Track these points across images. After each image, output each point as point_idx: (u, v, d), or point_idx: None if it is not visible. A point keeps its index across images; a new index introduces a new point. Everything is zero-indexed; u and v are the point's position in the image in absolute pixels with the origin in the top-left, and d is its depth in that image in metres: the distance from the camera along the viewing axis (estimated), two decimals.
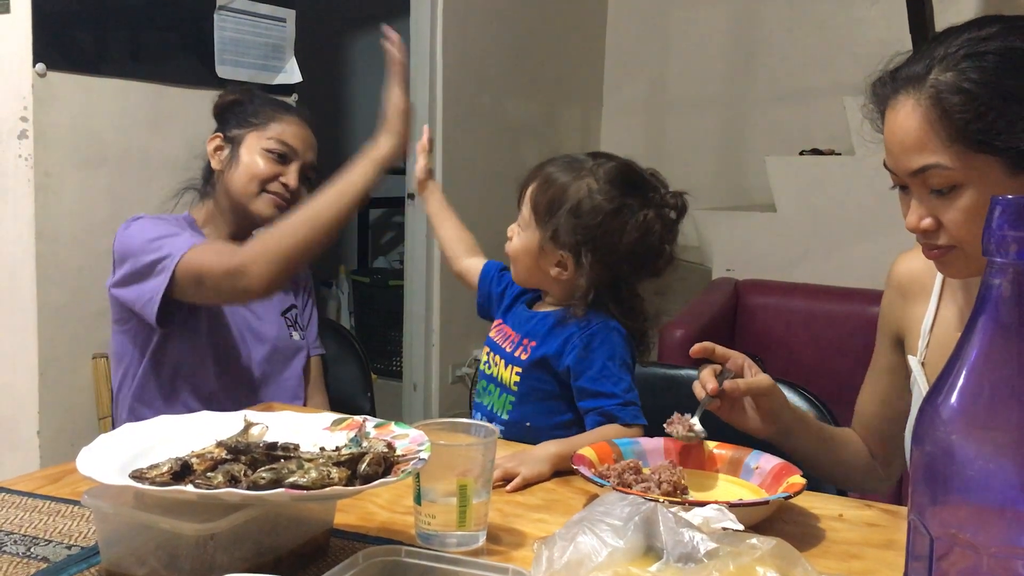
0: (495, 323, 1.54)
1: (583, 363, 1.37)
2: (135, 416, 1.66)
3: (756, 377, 1.24)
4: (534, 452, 1.24)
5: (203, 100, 1.82)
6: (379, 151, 1.54)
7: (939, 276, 1.27)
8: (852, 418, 1.44)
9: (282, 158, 1.72)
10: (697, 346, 1.25)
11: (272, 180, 1.70)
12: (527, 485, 1.19)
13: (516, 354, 1.43)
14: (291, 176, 1.72)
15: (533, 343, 1.42)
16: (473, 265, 1.63)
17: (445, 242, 1.70)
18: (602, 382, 1.36)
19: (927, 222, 1.10)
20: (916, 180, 1.10)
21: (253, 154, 1.70)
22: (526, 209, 1.42)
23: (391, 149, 1.54)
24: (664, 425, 1.21)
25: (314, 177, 1.79)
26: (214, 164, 1.75)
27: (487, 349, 1.51)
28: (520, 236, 1.43)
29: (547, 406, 1.41)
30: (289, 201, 1.73)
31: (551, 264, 1.40)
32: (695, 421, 1.21)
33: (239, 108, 1.76)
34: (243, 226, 1.76)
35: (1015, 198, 0.64)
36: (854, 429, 1.42)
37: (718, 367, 1.25)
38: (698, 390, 1.22)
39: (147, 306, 1.55)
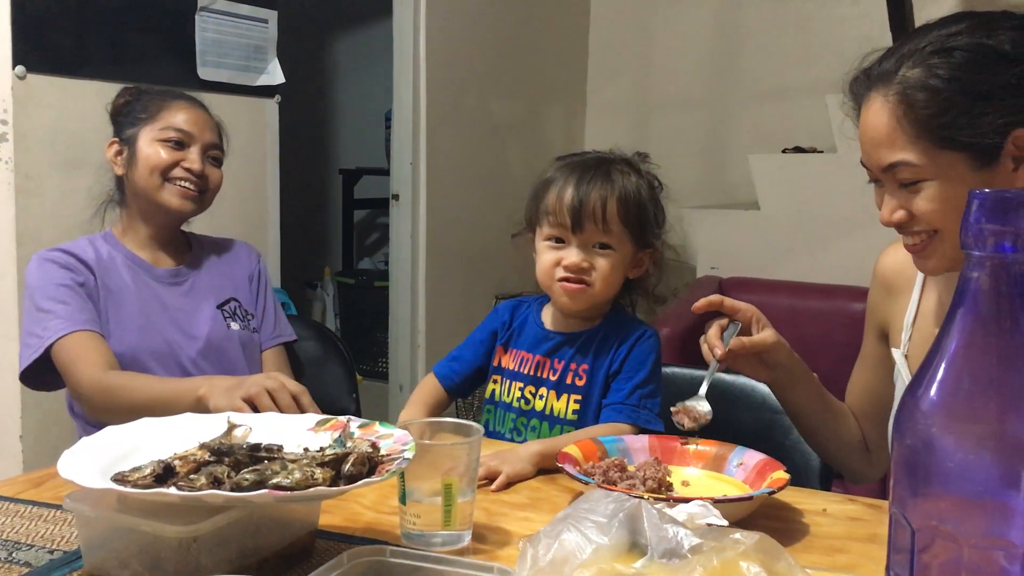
0: (507, 352, 1.48)
1: (637, 369, 1.39)
2: (85, 427, 1.64)
3: (761, 334, 1.24)
4: (517, 451, 1.25)
5: None
6: (210, 400, 1.37)
7: (919, 272, 1.28)
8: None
9: (179, 144, 1.68)
10: (702, 301, 1.24)
11: (173, 167, 1.67)
12: (510, 484, 1.19)
13: (568, 381, 1.41)
14: (192, 160, 1.68)
15: (585, 365, 1.41)
16: (442, 395, 1.50)
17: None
18: (647, 384, 1.39)
19: (899, 215, 1.12)
20: (887, 175, 1.12)
21: (149, 146, 1.67)
22: (616, 231, 1.37)
23: (215, 405, 1.35)
24: (672, 413, 1.23)
25: (222, 157, 1.76)
26: (116, 170, 1.72)
27: (516, 383, 1.44)
28: (609, 258, 1.37)
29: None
30: (199, 185, 1.69)
31: (631, 269, 1.42)
32: (699, 404, 1.22)
33: (128, 108, 1.74)
34: (160, 227, 1.73)
35: (992, 192, 0.65)
36: None
37: (725, 321, 1.25)
38: (707, 353, 1.23)
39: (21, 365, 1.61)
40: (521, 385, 1.44)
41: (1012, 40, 1.05)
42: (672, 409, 1.23)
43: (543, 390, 1.42)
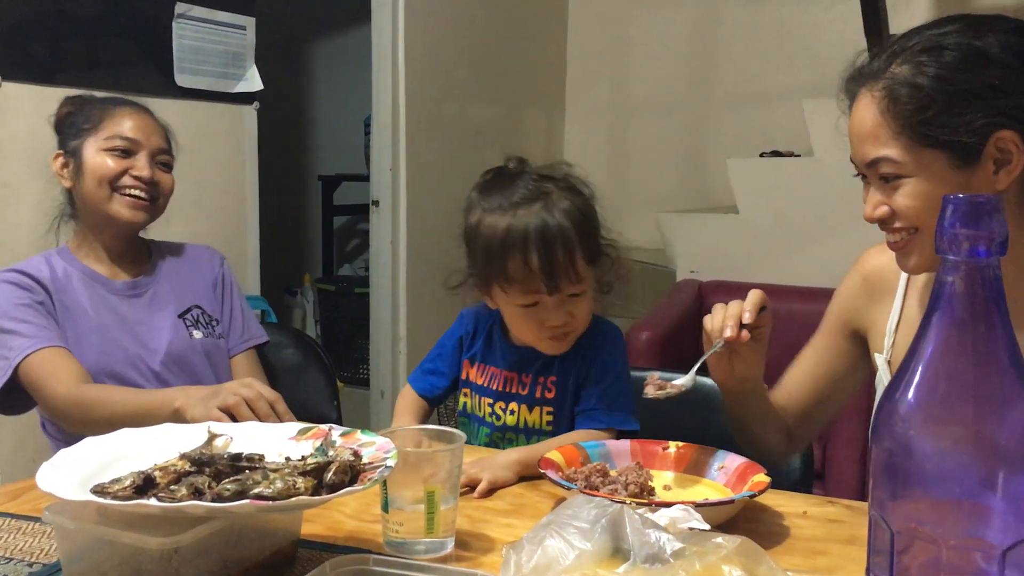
0: (473, 365, 1.47)
1: (603, 372, 1.38)
2: (58, 446, 1.62)
3: (750, 349, 1.20)
4: (496, 458, 1.25)
5: (163, 110, 1.80)
6: (187, 412, 1.37)
7: (902, 277, 1.29)
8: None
9: (126, 153, 1.65)
10: (757, 300, 1.19)
11: (121, 176, 1.64)
12: (493, 490, 1.19)
13: (538, 395, 1.40)
14: (141, 167, 1.65)
15: (552, 377, 1.40)
16: (426, 407, 1.50)
17: None
18: (615, 386, 1.38)
19: (881, 211, 1.13)
20: (871, 171, 1.13)
21: (95, 157, 1.64)
22: (585, 275, 1.34)
23: (192, 416, 1.34)
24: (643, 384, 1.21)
25: (172, 161, 1.72)
26: (64, 183, 1.69)
27: (485, 399, 1.43)
28: (584, 298, 1.35)
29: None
30: (150, 192, 1.66)
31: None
32: (674, 376, 1.20)
33: (71, 119, 1.70)
34: (115, 239, 1.70)
35: (966, 197, 0.66)
36: (775, 398, 1.41)
37: (756, 302, 1.18)
38: (715, 330, 1.17)
39: None
40: (491, 401, 1.43)
41: (1001, 43, 1.07)
42: (645, 381, 1.21)
43: (514, 405, 1.41)
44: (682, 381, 1.19)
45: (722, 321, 1.18)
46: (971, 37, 1.08)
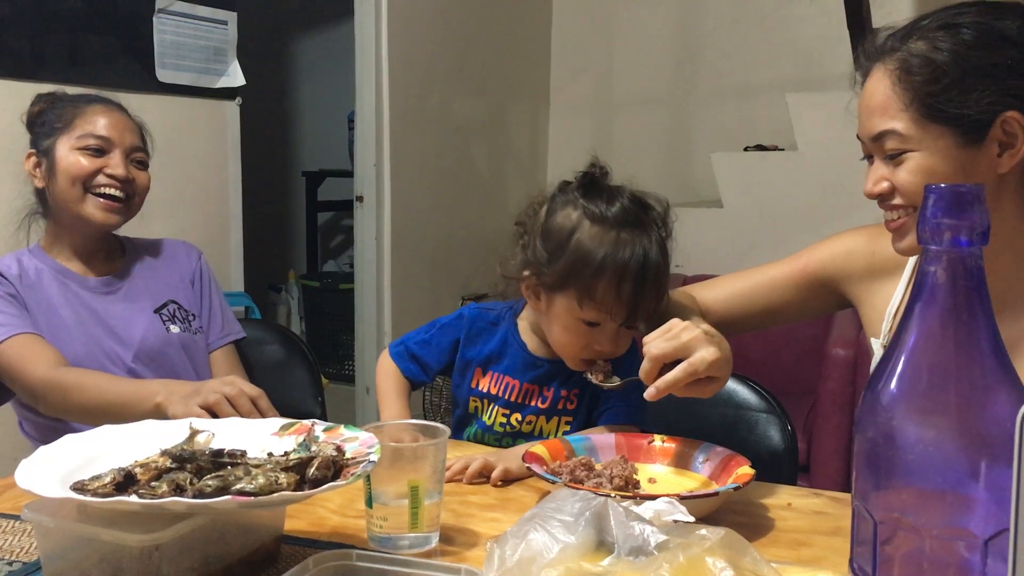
0: (486, 375, 1.42)
1: (624, 374, 1.34)
2: (38, 444, 1.61)
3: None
4: (515, 451, 1.24)
5: (144, 105, 1.78)
6: (168, 409, 1.36)
7: (910, 262, 1.28)
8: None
9: (99, 151, 1.62)
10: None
11: (95, 175, 1.61)
12: (508, 480, 1.19)
13: (560, 407, 1.37)
14: (115, 165, 1.62)
15: (576, 390, 1.37)
16: (409, 387, 1.45)
17: None
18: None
19: (882, 186, 1.13)
20: (876, 146, 1.13)
21: (68, 156, 1.61)
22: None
23: (173, 414, 1.33)
24: (591, 368, 1.28)
25: (147, 159, 1.69)
26: (36, 183, 1.66)
27: (499, 409, 1.39)
28: (634, 332, 1.33)
29: None
30: (125, 191, 1.63)
31: None
32: (620, 381, 1.26)
33: (43, 117, 1.67)
34: (88, 238, 1.68)
35: (948, 187, 0.66)
36: (701, 295, 1.48)
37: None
38: (644, 374, 1.15)
39: None
40: (506, 412, 1.39)
41: (1020, 27, 1.08)
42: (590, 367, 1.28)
43: (531, 416, 1.39)
44: (619, 383, 1.27)
45: (648, 374, 1.14)
46: (990, 18, 1.09)
